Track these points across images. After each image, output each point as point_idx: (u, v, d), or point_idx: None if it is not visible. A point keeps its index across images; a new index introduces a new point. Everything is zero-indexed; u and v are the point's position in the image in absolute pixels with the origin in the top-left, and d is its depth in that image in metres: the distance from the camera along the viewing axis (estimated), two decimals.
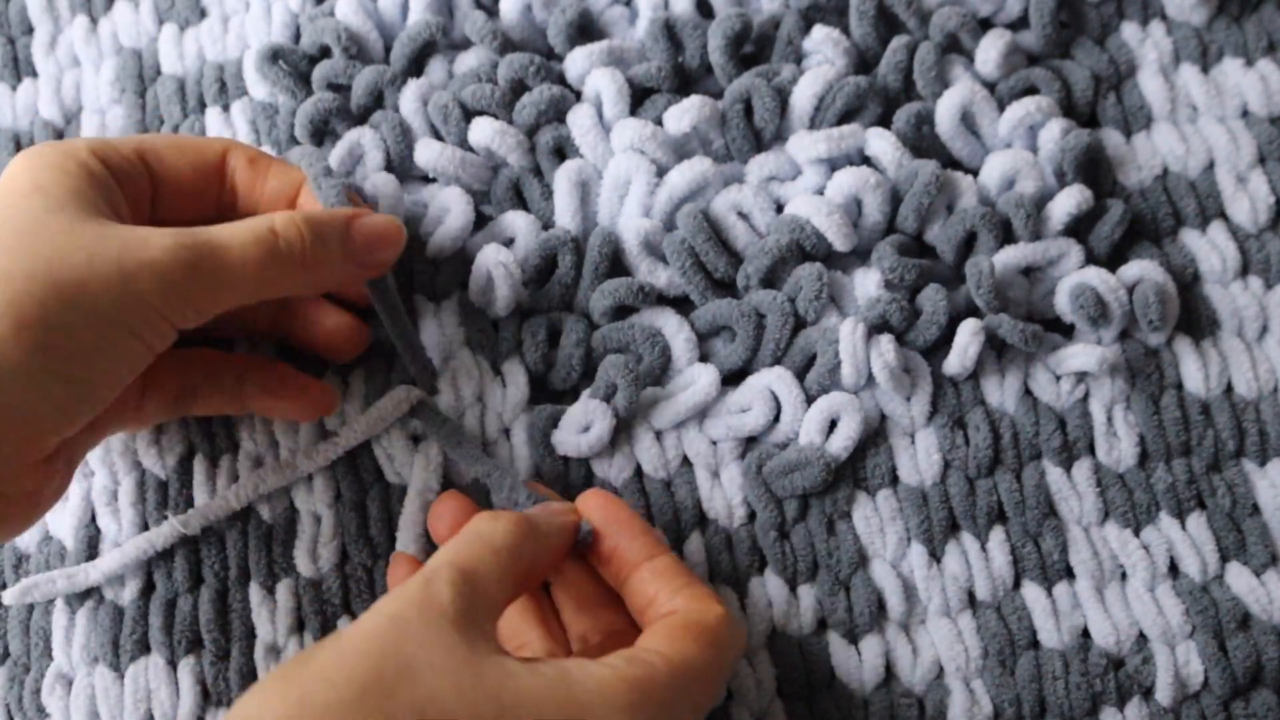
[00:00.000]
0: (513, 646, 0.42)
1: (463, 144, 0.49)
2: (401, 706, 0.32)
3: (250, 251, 0.39)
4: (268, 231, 0.40)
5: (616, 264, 0.48)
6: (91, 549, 0.46)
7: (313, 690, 0.32)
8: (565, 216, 0.48)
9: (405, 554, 0.44)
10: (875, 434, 0.46)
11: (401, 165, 0.49)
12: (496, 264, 0.46)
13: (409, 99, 0.49)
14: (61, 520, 0.46)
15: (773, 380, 0.46)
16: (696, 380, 0.46)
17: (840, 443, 0.45)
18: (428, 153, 0.48)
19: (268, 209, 0.44)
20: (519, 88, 0.49)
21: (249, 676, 0.44)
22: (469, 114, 0.49)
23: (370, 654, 0.33)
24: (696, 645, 0.37)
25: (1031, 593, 0.45)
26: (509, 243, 0.48)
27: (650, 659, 0.36)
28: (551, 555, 0.40)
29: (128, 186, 0.41)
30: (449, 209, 0.48)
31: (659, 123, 0.49)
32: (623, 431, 0.46)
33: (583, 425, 0.45)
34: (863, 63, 0.51)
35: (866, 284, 0.47)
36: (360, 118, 0.49)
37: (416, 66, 0.51)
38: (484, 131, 0.48)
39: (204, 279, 0.38)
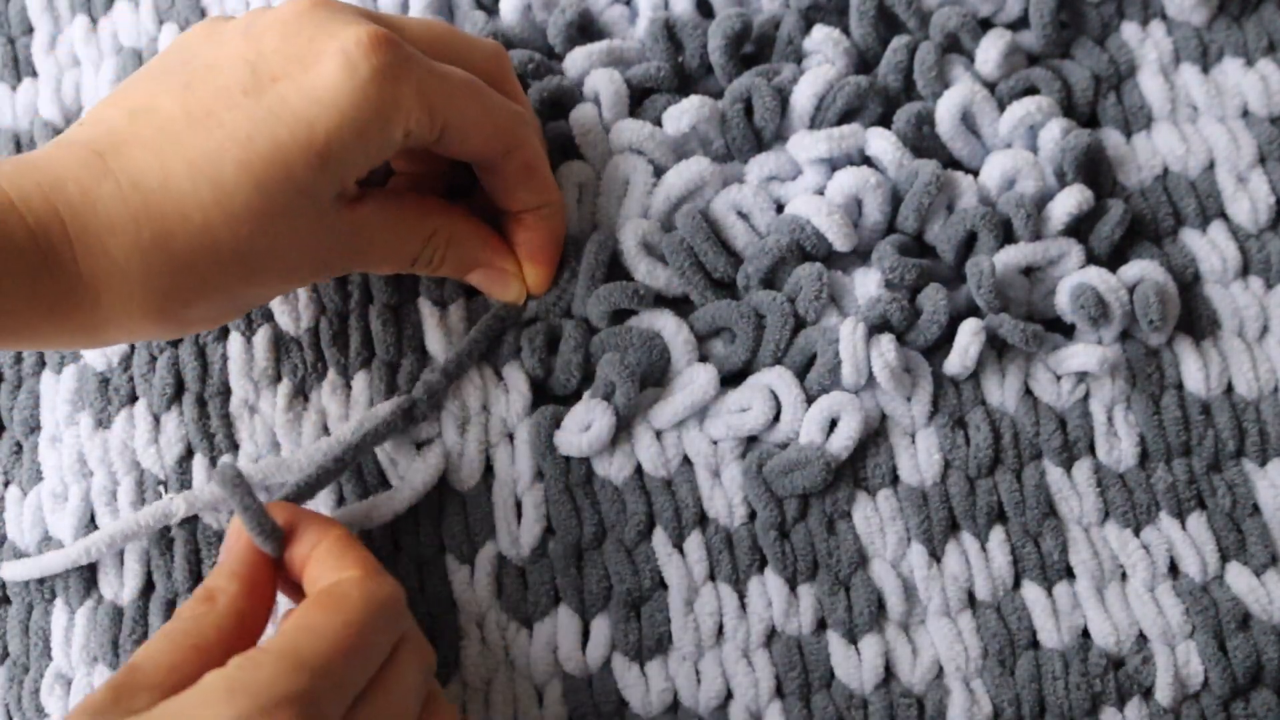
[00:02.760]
0: None
1: None
2: None
3: (394, 257, 0.44)
4: (412, 258, 0.44)
5: (615, 265, 0.48)
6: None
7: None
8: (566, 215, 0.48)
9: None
10: (875, 434, 0.46)
11: None
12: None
13: None
14: (61, 520, 0.46)
15: (773, 379, 0.46)
16: (695, 380, 0.46)
17: (840, 442, 0.45)
18: None
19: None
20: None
21: None
22: None
23: None
24: (316, 612, 0.36)
25: (1031, 593, 0.45)
26: None
27: (259, 651, 0.35)
28: (236, 609, 0.38)
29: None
30: None
31: (658, 123, 0.49)
32: (623, 431, 0.46)
33: (584, 424, 0.45)
34: (863, 63, 0.51)
35: (867, 284, 0.47)
36: None
37: None
38: None
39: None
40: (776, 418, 0.46)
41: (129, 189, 0.37)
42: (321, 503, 0.46)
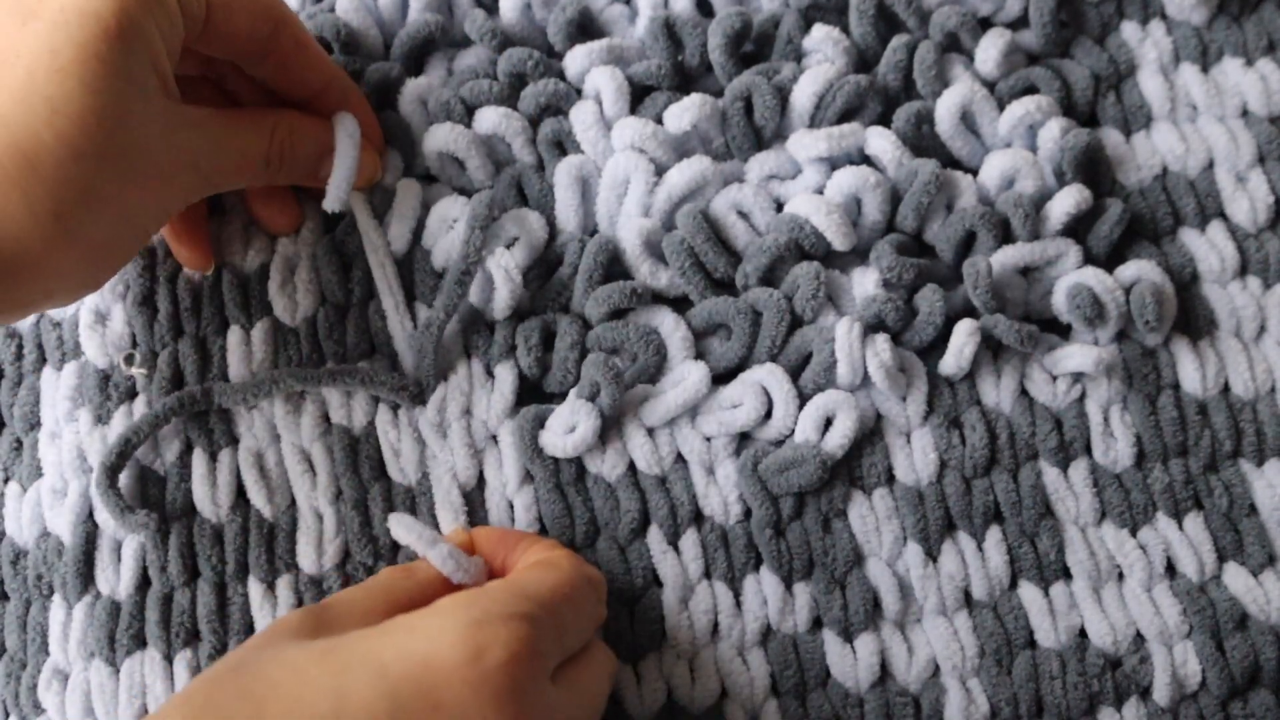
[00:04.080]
0: None
1: None
2: (230, 696, 0.34)
3: (248, 156, 0.44)
4: (263, 158, 0.45)
5: (616, 265, 0.48)
6: (89, 544, 0.46)
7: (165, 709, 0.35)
8: (566, 213, 0.48)
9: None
10: (871, 433, 0.46)
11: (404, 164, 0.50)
12: (499, 268, 0.46)
13: (408, 98, 0.49)
14: (59, 516, 0.46)
15: (764, 376, 0.46)
16: (687, 377, 0.46)
17: (836, 440, 0.45)
18: (440, 135, 0.48)
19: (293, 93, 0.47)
20: (519, 82, 0.50)
21: None
22: (470, 110, 0.49)
23: (215, 666, 0.37)
24: (535, 569, 0.40)
25: (1028, 592, 0.45)
26: (511, 243, 0.48)
27: (486, 585, 0.39)
28: (433, 582, 0.41)
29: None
30: (457, 217, 0.48)
31: (659, 121, 0.49)
32: (615, 428, 0.46)
33: (569, 426, 0.45)
34: (863, 62, 0.51)
35: (864, 283, 0.47)
36: None
37: (416, 65, 0.51)
38: (489, 119, 0.48)
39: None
40: (768, 415, 0.46)
41: None
42: (322, 496, 0.46)
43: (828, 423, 0.46)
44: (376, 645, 0.35)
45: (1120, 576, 0.46)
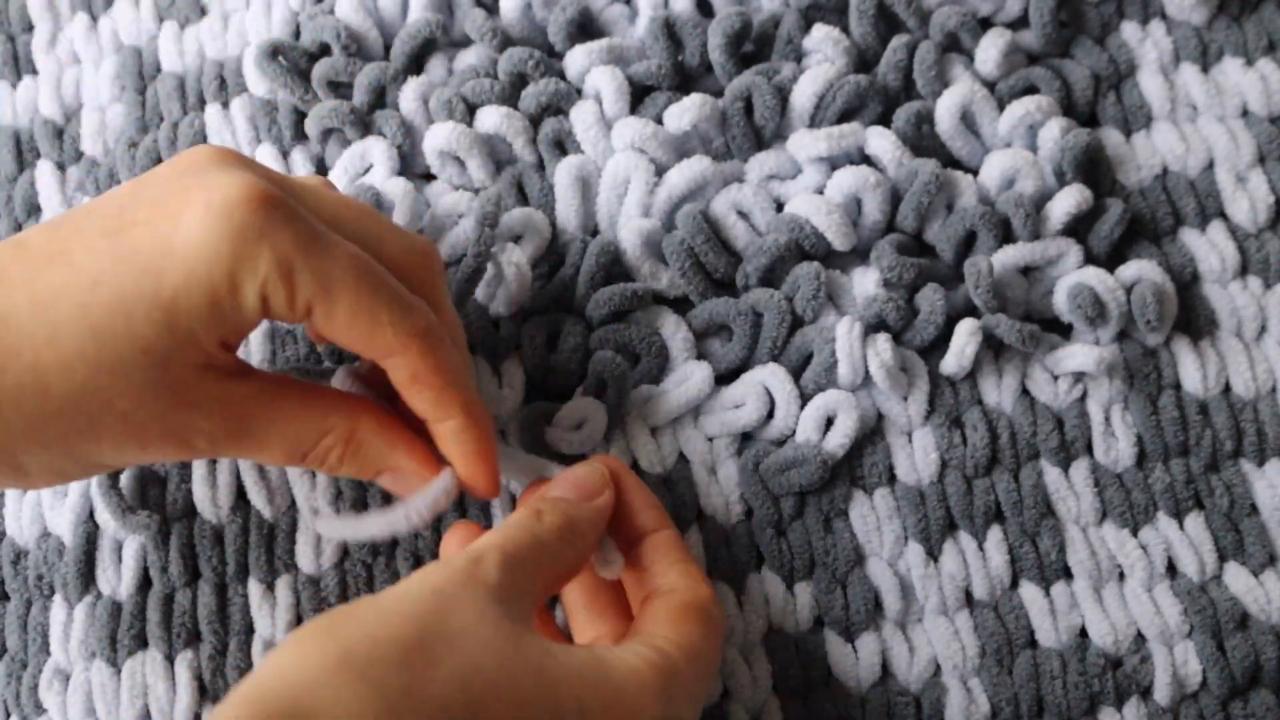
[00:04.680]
0: None
1: None
2: (444, 672, 0.32)
3: (273, 462, 0.40)
4: (298, 455, 0.40)
5: (617, 265, 0.48)
6: (90, 544, 0.46)
7: (355, 648, 0.32)
8: (566, 213, 0.48)
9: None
10: (872, 432, 0.46)
11: (404, 163, 0.50)
12: (510, 264, 0.46)
13: (409, 97, 0.49)
14: (60, 516, 0.46)
15: (766, 376, 0.46)
16: (690, 377, 0.46)
17: (837, 440, 0.45)
18: (441, 134, 0.48)
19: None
20: (519, 81, 0.50)
21: (246, 672, 0.44)
22: (471, 109, 0.49)
23: (415, 618, 0.33)
24: (699, 628, 0.38)
25: (1029, 592, 0.45)
26: (517, 239, 0.48)
27: (668, 648, 0.36)
28: (588, 551, 0.40)
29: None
30: (462, 213, 0.48)
31: (659, 121, 0.49)
32: (618, 427, 0.46)
33: (576, 422, 0.45)
34: (863, 62, 0.51)
35: (865, 283, 0.47)
36: (365, 124, 0.49)
37: (416, 64, 0.51)
38: (490, 119, 0.48)
39: None
40: (770, 415, 0.46)
41: None
42: (321, 497, 0.46)
43: (829, 422, 0.46)
44: (585, 695, 0.34)
45: (1121, 576, 0.46)
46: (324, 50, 0.51)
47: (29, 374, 0.35)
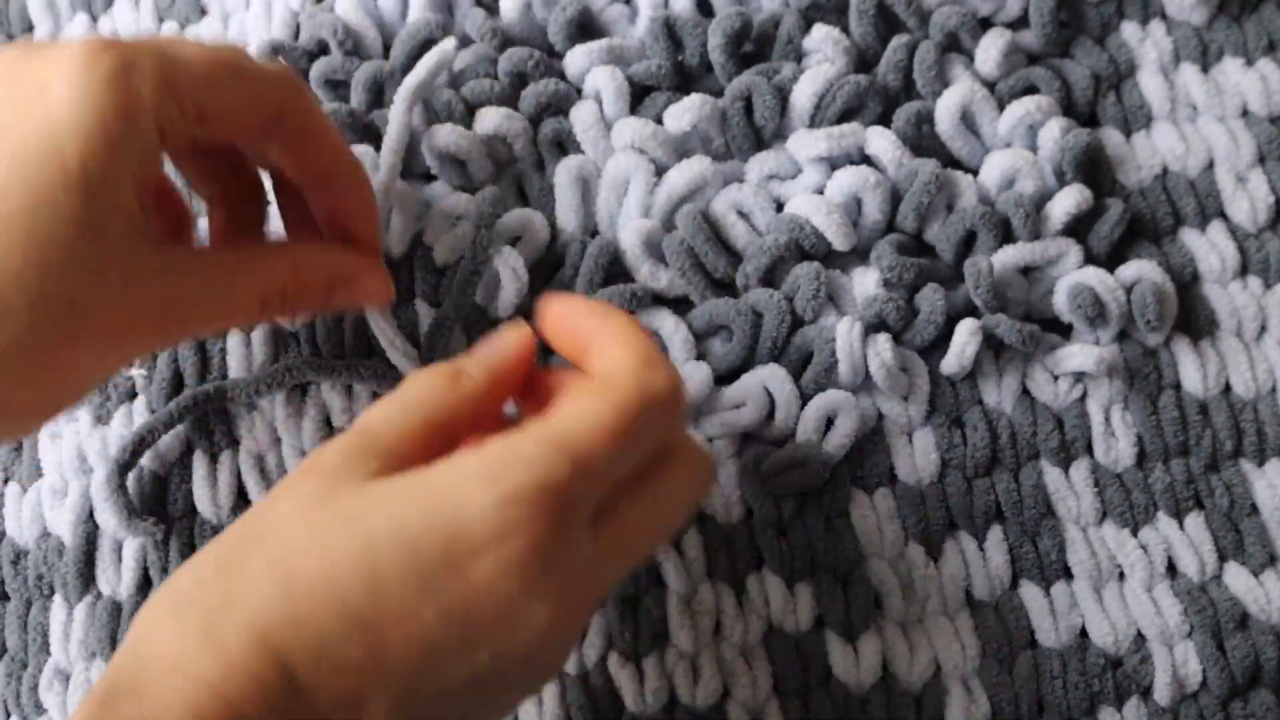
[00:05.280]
0: None
1: None
2: (256, 570, 0.32)
3: (234, 304, 0.40)
4: (258, 301, 0.40)
5: (617, 265, 0.48)
6: (90, 544, 0.46)
7: (178, 583, 0.33)
8: (566, 213, 0.48)
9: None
10: (873, 433, 0.46)
11: (404, 163, 0.49)
12: (506, 267, 0.46)
13: (408, 95, 0.49)
14: (60, 516, 0.46)
15: (766, 376, 0.46)
16: (690, 378, 0.46)
17: (837, 441, 0.45)
18: (442, 135, 0.48)
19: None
20: (519, 81, 0.50)
21: None
22: (471, 110, 0.49)
23: (233, 531, 0.34)
24: (584, 398, 0.35)
25: (1029, 592, 0.45)
26: (514, 242, 0.48)
27: (517, 435, 0.34)
28: (480, 393, 0.37)
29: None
30: (461, 214, 0.48)
31: (659, 121, 0.49)
32: None
33: None
34: (863, 62, 0.51)
35: (865, 283, 0.47)
36: (365, 125, 0.49)
37: (416, 64, 0.51)
38: (490, 119, 0.48)
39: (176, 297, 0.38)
40: (771, 415, 0.46)
41: None
42: None
43: (829, 423, 0.46)
44: (403, 511, 0.33)
45: (1121, 576, 0.46)
46: (323, 49, 0.51)
47: None
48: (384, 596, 0.32)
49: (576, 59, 0.50)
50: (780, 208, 0.49)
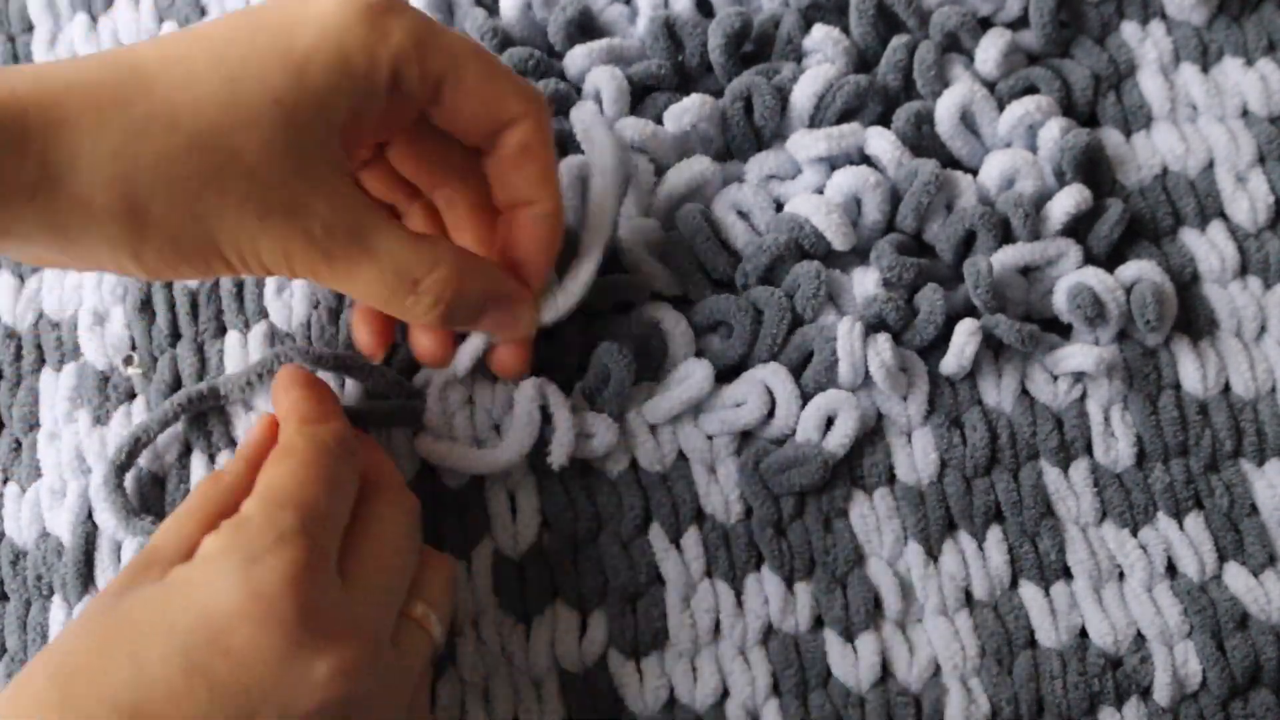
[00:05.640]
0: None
1: None
2: (38, 678, 0.35)
3: (374, 288, 0.39)
4: (408, 283, 0.39)
5: (616, 264, 0.48)
6: (89, 544, 0.46)
7: None
8: (566, 213, 0.48)
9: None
10: (872, 432, 0.46)
11: None
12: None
13: None
14: (59, 516, 0.46)
15: (767, 375, 0.46)
16: (691, 375, 0.46)
17: (837, 440, 0.45)
18: None
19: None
20: None
21: None
22: None
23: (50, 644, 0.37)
24: (272, 466, 0.39)
25: (1029, 592, 0.45)
26: None
27: (242, 509, 0.37)
28: (242, 482, 0.40)
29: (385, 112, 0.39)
30: None
31: (659, 121, 0.49)
32: (618, 424, 0.46)
33: (587, 434, 0.45)
34: (863, 62, 0.51)
35: (865, 283, 0.47)
36: None
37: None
38: None
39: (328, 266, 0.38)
40: (771, 414, 0.46)
41: (96, 63, 0.36)
42: None
43: (829, 422, 0.46)
44: (162, 604, 0.35)
45: (1121, 576, 0.46)
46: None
47: (161, 107, 0.36)
48: (151, 684, 0.34)
49: (576, 59, 0.50)
50: (780, 208, 0.49)
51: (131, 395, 0.47)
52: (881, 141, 0.48)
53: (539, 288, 0.43)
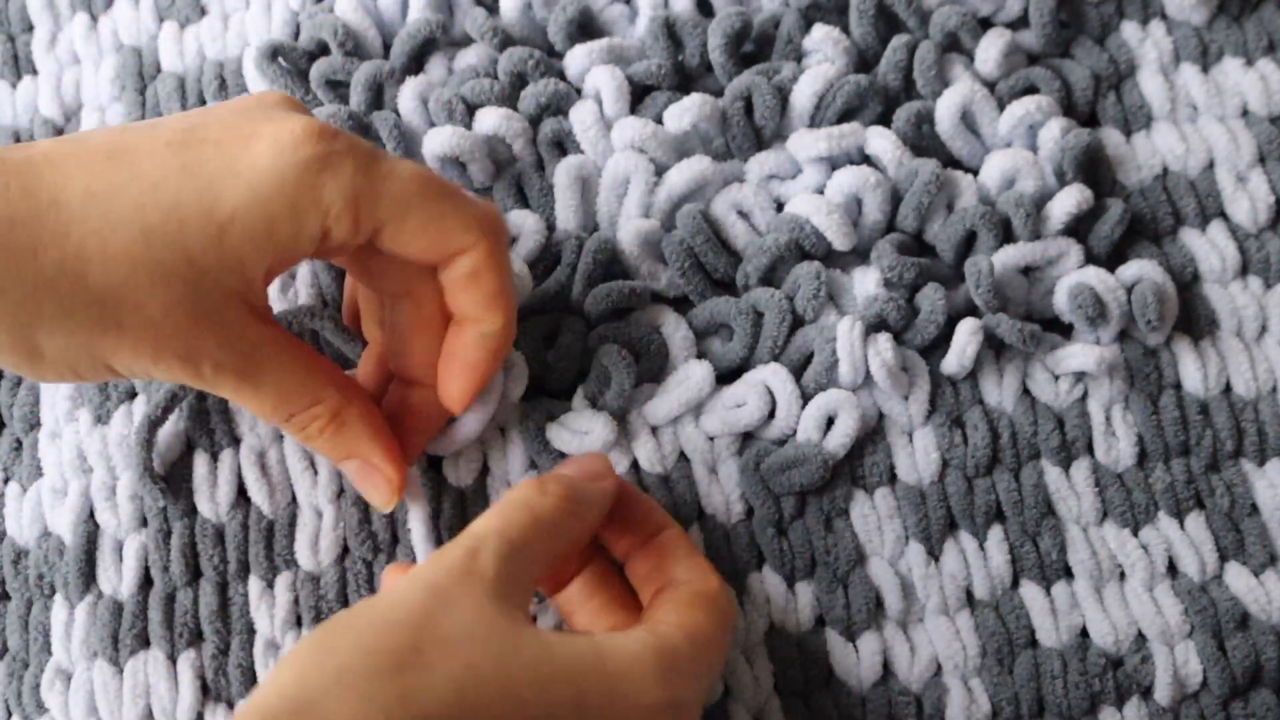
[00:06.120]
0: None
1: None
2: (439, 678, 0.32)
3: (259, 412, 0.41)
4: (284, 414, 0.41)
5: (615, 265, 0.48)
6: (90, 544, 0.46)
7: (351, 661, 0.32)
8: (566, 213, 0.48)
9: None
10: (873, 432, 0.46)
11: None
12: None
13: (408, 96, 0.49)
14: (60, 516, 0.46)
15: (768, 375, 0.46)
16: (691, 376, 0.46)
17: (838, 440, 0.45)
18: (441, 139, 0.48)
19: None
20: (519, 82, 0.50)
21: (249, 671, 0.44)
22: (471, 110, 0.49)
23: (408, 624, 0.33)
24: (705, 615, 0.38)
25: (1030, 592, 0.45)
26: (511, 241, 0.48)
27: (670, 631, 0.37)
28: (591, 529, 0.40)
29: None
30: None
31: (659, 121, 0.49)
32: (619, 425, 0.46)
33: (583, 429, 0.45)
34: (863, 62, 0.51)
35: (865, 283, 0.47)
36: (364, 127, 0.49)
37: (416, 64, 0.51)
38: (489, 120, 0.48)
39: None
40: (772, 414, 0.46)
41: (18, 194, 0.36)
42: (322, 495, 0.46)
43: (830, 422, 0.46)
44: (581, 678, 0.34)
45: (1122, 576, 0.46)
46: (323, 49, 0.51)
47: (72, 259, 0.35)
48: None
49: (576, 59, 0.50)
50: (780, 208, 0.49)
51: (132, 394, 0.47)
52: (882, 141, 0.48)
53: (461, 406, 0.43)
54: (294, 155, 0.37)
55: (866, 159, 0.49)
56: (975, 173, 0.49)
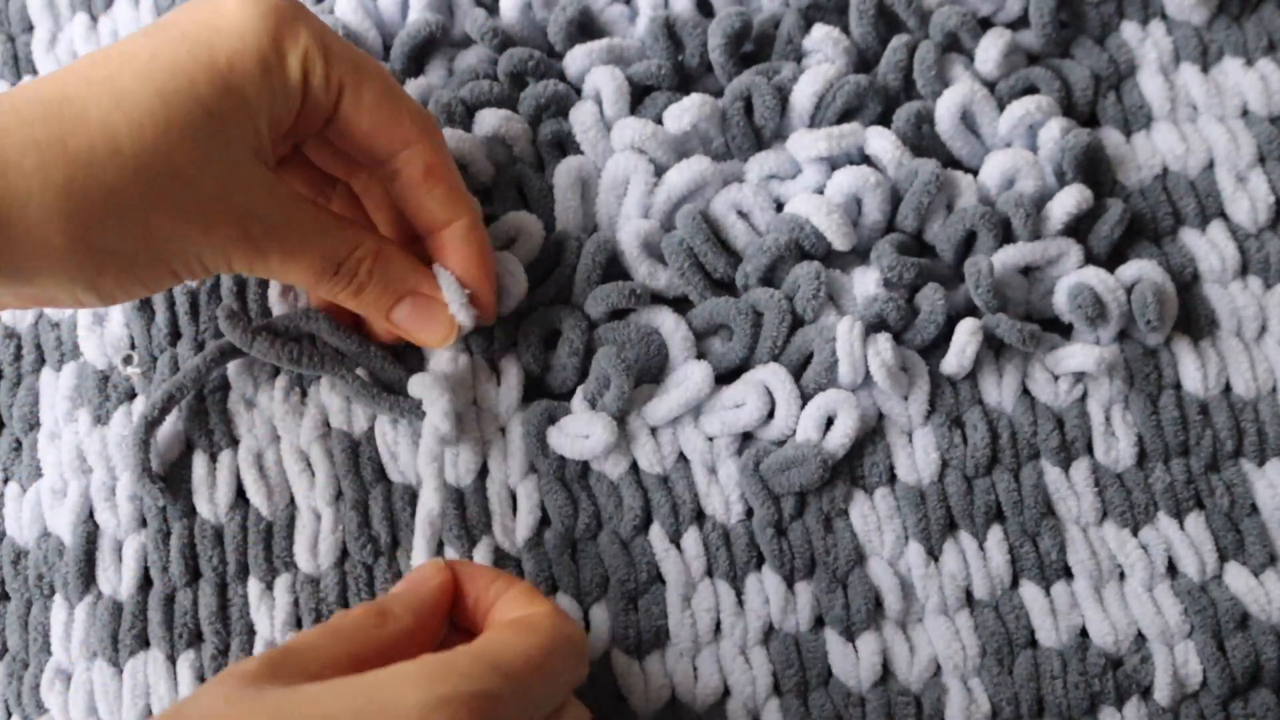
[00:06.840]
0: None
1: None
2: None
3: (306, 275, 0.42)
4: (333, 266, 0.42)
5: (615, 265, 0.48)
6: (90, 544, 0.46)
7: None
8: (565, 214, 0.48)
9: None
10: (873, 432, 0.46)
11: None
12: (505, 273, 0.46)
13: None
14: (60, 516, 0.46)
15: (766, 376, 0.46)
16: (690, 377, 0.46)
17: (837, 440, 0.45)
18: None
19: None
20: (519, 82, 0.50)
21: None
22: (471, 111, 0.49)
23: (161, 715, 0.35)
24: (512, 631, 0.38)
25: (1029, 592, 0.45)
26: (510, 242, 0.48)
27: (454, 651, 0.36)
28: (408, 629, 0.39)
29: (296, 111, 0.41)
30: None
31: (659, 121, 0.49)
32: (619, 427, 0.46)
33: (584, 433, 0.45)
34: (863, 62, 0.51)
35: (865, 283, 0.47)
36: None
37: (416, 65, 0.51)
38: (489, 121, 0.48)
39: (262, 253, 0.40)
40: (771, 414, 0.46)
41: (24, 104, 0.37)
42: (321, 497, 0.46)
43: (829, 422, 0.46)
44: (331, 708, 0.33)
45: (1121, 576, 0.46)
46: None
47: (100, 135, 0.37)
48: None
49: (576, 59, 0.50)
50: (780, 208, 0.49)
51: (131, 395, 0.47)
52: (882, 141, 0.48)
53: (489, 299, 0.44)
54: (265, 4, 0.39)
55: (866, 159, 0.49)
56: (975, 173, 0.49)
